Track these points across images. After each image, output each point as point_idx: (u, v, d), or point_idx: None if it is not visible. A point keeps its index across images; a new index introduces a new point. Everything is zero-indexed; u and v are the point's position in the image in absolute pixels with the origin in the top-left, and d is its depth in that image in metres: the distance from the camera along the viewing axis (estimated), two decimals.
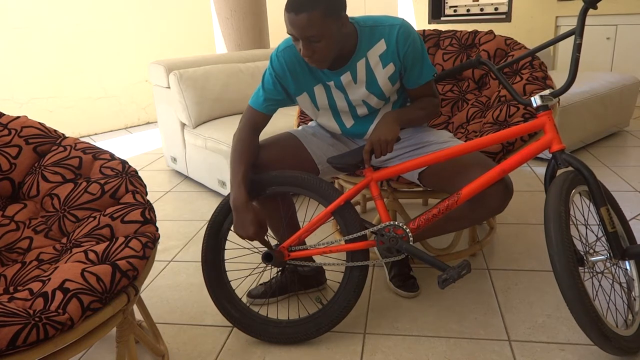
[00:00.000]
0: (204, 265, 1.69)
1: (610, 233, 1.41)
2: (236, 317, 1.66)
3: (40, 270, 1.31)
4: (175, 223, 2.61)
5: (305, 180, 1.62)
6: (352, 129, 1.74)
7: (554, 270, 1.34)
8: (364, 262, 1.57)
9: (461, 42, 2.34)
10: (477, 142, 1.53)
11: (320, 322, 1.61)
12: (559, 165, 1.45)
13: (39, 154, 1.61)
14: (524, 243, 2.20)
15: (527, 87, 2.02)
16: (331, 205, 1.59)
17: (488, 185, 1.51)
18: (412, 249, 1.54)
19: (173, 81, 2.90)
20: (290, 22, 1.41)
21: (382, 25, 1.55)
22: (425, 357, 1.54)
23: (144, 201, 1.46)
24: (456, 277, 1.43)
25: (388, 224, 1.57)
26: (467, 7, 5.10)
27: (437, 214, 1.57)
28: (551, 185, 1.43)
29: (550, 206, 1.37)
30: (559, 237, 1.32)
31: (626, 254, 1.42)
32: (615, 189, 2.73)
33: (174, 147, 3.20)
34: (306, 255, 1.64)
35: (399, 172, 1.60)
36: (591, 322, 1.32)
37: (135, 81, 4.87)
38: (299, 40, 1.44)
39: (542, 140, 1.47)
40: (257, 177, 1.65)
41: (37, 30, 4.20)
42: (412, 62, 1.57)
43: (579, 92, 3.19)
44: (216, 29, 3.90)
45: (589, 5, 1.41)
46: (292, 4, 1.40)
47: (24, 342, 1.01)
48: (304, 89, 1.64)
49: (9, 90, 4.14)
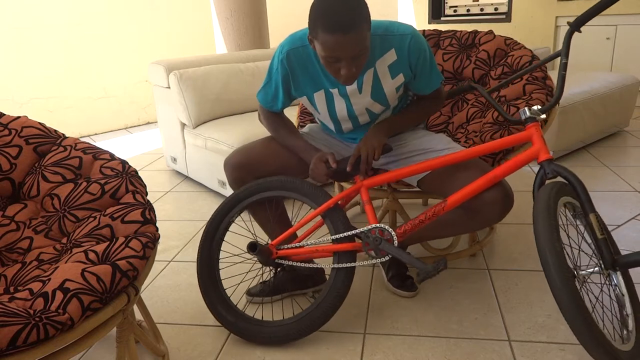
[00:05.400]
0: (199, 271, 1.70)
1: (600, 240, 1.36)
2: (231, 321, 1.66)
3: (40, 270, 1.31)
4: (175, 223, 2.61)
5: (292, 184, 1.67)
6: (349, 134, 1.76)
7: (552, 289, 1.25)
8: (350, 263, 1.59)
9: (461, 42, 2.34)
10: (467, 152, 1.55)
11: (303, 324, 1.59)
12: (547, 174, 1.44)
13: (39, 154, 1.61)
14: (524, 243, 2.20)
15: (527, 87, 2.02)
16: (321, 207, 1.62)
17: (475, 193, 1.52)
18: (392, 249, 1.55)
19: (173, 81, 2.90)
20: (337, 43, 1.29)
21: (392, 34, 1.50)
22: (425, 357, 1.54)
23: (144, 201, 1.46)
24: (432, 272, 1.45)
25: (374, 226, 1.59)
26: (467, 7, 5.11)
27: (424, 220, 1.58)
28: (537, 198, 1.38)
29: (540, 222, 1.31)
30: (552, 251, 1.25)
31: (617, 263, 1.37)
32: (615, 189, 2.73)
33: (174, 147, 3.20)
34: (293, 254, 1.66)
35: (388, 179, 1.63)
36: (597, 343, 1.23)
37: (135, 81, 4.87)
38: (340, 61, 1.36)
39: (529, 150, 1.48)
40: (242, 189, 1.71)
41: (37, 30, 4.20)
42: (421, 71, 1.56)
43: (579, 92, 3.19)
44: (216, 29, 3.90)
45: (574, 28, 1.49)
46: (335, 24, 1.28)
47: (24, 342, 1.01)
48: (304, 93, 1.64)
49: (9, 90, 4.14)
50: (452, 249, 2.00)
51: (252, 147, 1.74)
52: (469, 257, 2.10)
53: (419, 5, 5.46)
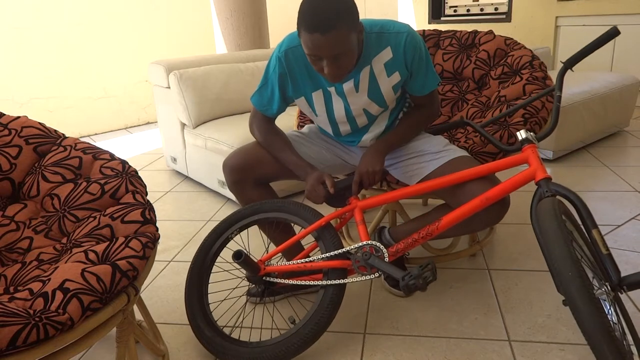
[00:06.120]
0: (188, 284, 1.67)
1: (605, 255, 1.30)
2: (207, 336, 1.59)
3: (40, 270, 1.31)
4: (175, 223, 2.61)
5: (283, 205, 1.68)
6: (347, 137, 1.76)
7: (573, 309, 1.12)
8: (340, 280, 1.55)
9: (461, 42, 2.34)
10: (463, 174, 1.54)
11: (290, 342, 1.50)
12: (545, 193, 1.42)
13: (39, 154, 1.61)
14: (524, 243, 2.20)
15: (527, 87, 2.02)
16: (312, 226, 1.62)
17: (469, 214, 1.51)
18: (382, 265, 1.53)
19: (173, 81, 2.90)
20: (315, 43, 1.32)
21: (388, 32, 1.51)
22: (425, 357, 1.54)
23: (144, 201, 1.46)
24: (421, 285, 1.45)
25: (365, 243, 1.57)
26: (467, 7, 5.10)
27: (418, 239, 1.57)
28: (540, 212, 1.32)
29: (551, 238, 1.21)
30: (573, 266, 1.15)
31: (624, 282, 1.27)
32: (615, 189, 2.73)
33: (174, 147, 3.20)
34: (281, 271, 1.64)
35: (383, 201, 1.64)
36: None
37: (135, 81, 4.87)
38: (322, 60, 1.38)
39: (526, 171, 1.47)
40: (234, 214, 1.72)
41: (37, 30, 4.20)
42: (417, 70, 1.56)
43: (579, 92, 3.19)
44: (216, 29, 3.90)
45: (568, 67, 1.58)
46: (313, 24, 1.30)
47: (24, 342, 1.01)
48: (301, 93, 1.63)
49: (9, 90, 4.14)
50: (452, 249, 2.00)
51: (251, 148, 1.73)
52: (469, 257, 2.10)
53: (419, 5, 5.46)
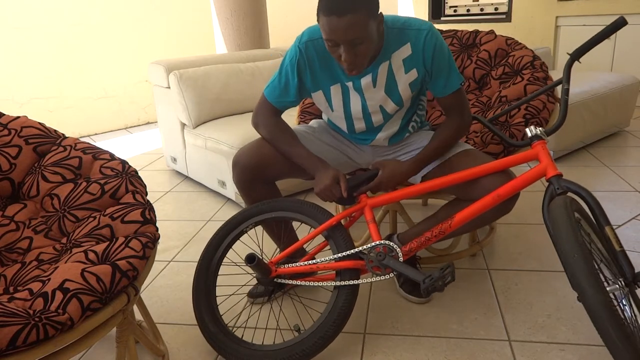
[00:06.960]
0: (196, 275, 1.65)
1: (619, 252, 1.31)
2: (212, 332, 1.58)
3: (40, 270, 1.31)
4: (175, 223, 2.61)
5: (293, 205, 1.66)
6: (360, 134, 1.74)
7: (590, 312, 1.14)
8: (353, 281, 1.54)
9: (462, 42, 2.34)
10: (471, 171, 1.54)
11: (298, 348, 1.47)
12: (556, 190, 1.42)
13: (38, 154, 1.61)
14: (524, 243, 2.20)
15: (528, 87, 2.02)
16: (322, 226, 1.60)
17: (482, 212, 1.51)
18: (396, 265, 1.53)
19: (173, 81, 2.90)
20: (332, 26, 1.32)
21: (409, 28, 1.50)
22: (425, 357, 1.54)
23: (144, 201, 1.46)
24: (440, 286, 1.43)
25: (378, 243, 1.56)
26: (467, 7, 5.10)
27: (431, 238, 1.57)
28: (553, 210, 1.33)
29: (565, 239, 1.23)
30: (586, 267, 1.16)
31: (638, 278, 1.29)
32: (615, 189, 2.73)
33: (174, 147, 3.20)
34: (293, 272, 1.63)
35: (393, 199, 1.63)
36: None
37: (135, 81, 4.87)
38: (339, 46, 1.37)
39: (537, 168, 1.48)
40: (240, 213, 1.70)
41: (37, 30, 4.20)
42: (438, 69, 1.54)
43: (579, 92, 3.19)
44: (216, 29, 3.90)
45: (575, 58, 1.58)
46: (331, 7, 1.30)
47: (24, 342, 1.01)
48: (320, 87, 1.61)
49: (9, 90, 4.14)
50: (452, 249, 2.00)
51: (261, 146, 1.68)
52: (469, 257, 2.10)
53: (419, 5, 5.46)
